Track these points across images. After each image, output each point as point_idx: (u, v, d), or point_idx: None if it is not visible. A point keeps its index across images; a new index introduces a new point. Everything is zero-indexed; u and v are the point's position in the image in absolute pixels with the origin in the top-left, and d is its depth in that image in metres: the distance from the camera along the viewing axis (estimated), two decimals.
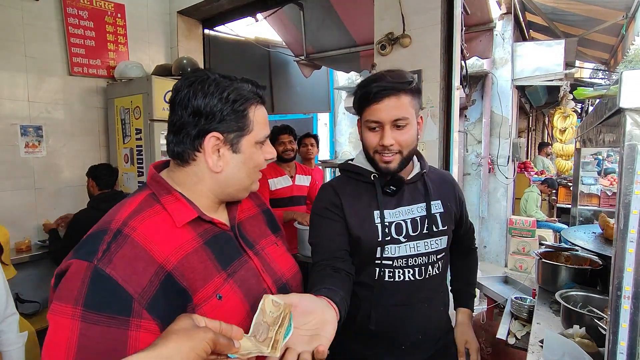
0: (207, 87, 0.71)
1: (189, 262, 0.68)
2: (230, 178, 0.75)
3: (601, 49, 5.52)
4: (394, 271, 1.08)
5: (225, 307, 0.69)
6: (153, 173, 0.77)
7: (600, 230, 1.60)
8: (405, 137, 1.02)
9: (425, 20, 2.19)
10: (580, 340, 1.04)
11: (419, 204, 1.12)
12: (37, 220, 2.88)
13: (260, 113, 0.77)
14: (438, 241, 1.11)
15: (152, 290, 0.62)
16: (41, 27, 2.87)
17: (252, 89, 0.76)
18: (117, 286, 0.59)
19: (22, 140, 2.80)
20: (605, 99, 0.71)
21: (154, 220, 0.69)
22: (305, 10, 3.95)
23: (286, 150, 2.76)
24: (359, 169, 1.13)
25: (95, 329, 0.57)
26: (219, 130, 0.72)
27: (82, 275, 0.60)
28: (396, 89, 0.99)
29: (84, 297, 0.58)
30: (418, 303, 1.10)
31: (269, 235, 0.91)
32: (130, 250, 0.63)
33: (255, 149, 0.76)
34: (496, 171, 5.23)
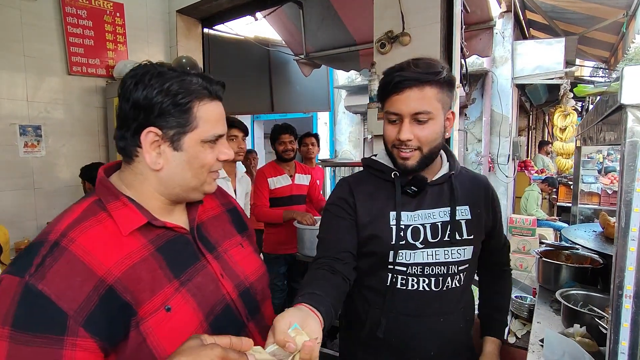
0: (148, 78, 0.67)
1: (135, 273, 0.63)
2: (173, 177, 0.70)
3: (601, 47, 5.51)
4: (408, 279, 0.99)
5: (174, 319, 0.65)
6: (101, 177, 0.71)
7: (600, 229, 1.60)
8: (426, 132, 0.93)
9: (425, 18, 2.18)
10: (580, 339, 1.03)
11: (442, 208, 1.01)
12: (37, 220, 2.88)
13: (208, 110, 0.71)
14: (461, 251, 1.01)
15: (89, 307, 0.58)
16: (40, 27, 2.86)
17: (201, 83, 0.70)
18: (50, 303, 0.55)
19: (21, 140, 2.79)
20: (606, 96, 0.70)
21: (96, 230, 0.64)
22: (305, 9, 3.94)
23: (286, 150, 2.75)
24: (381, 166, 1.05)
25: (25, 350, 0.53)
26: (158, 125, 0.67)
27: (12, 292, 0.56)
28: (420, 80, 0.90)
29: (12, 317, 0.54)
30: (433, 316, 1.01)
31: (234, 236, 0.86)
32: (67, 264, 0.59)
33: (201, 148, 0.70)
34: (496, 170, 5.22)
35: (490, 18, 3.36)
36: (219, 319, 0.72)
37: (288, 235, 2.65)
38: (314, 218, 2.45)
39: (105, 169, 0.74)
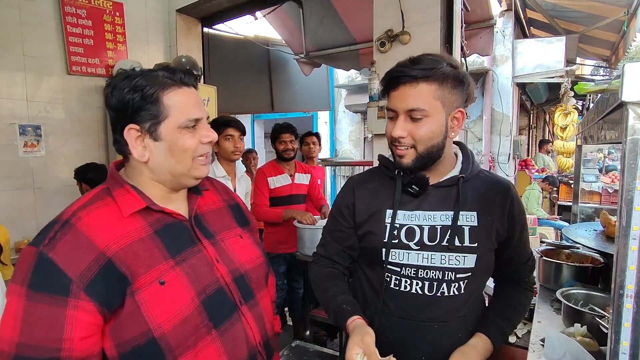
0: (119, 83, 0.75)
1: (132, 250, 0.72)
2: (160, 166, 0.77)
3: (602, 46, 5.50)
4: (401, 279, 0.98)
5: (167, 292, 0.73)
6: (111, 169, 0.81)
7: (601, 228, 1.59)
8: (420, 131, 0.90)
9: (425, 17, 2.18)
10: (581, 338, 1.03)
11: (445, 211, 0.97)
12: (36, 220, 2.88)
13: (177, 97, 0.76)
14: (460, 258, 0.95)
15: (90, 275, 0.67)
16: (39, 26, 2.85)
17: (165, 75, 0.77)
18: (58, 269, 0.66)
19: (20, 139, 2.79)
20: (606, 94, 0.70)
21: (101, 211, 0.74)
22: (305, 8, 3.94)
23: (287, 149, 2.75)
24: (388, 162, 1.04)
25: (37, 307, 0.65)
26: (135, 121, 0.75)
27: (30, 259, 0.67)
28: (413, 76, 0.88)
29: (29, 279, 0.66)
30: (427, 321, 0.97)
31: (233, 228, 0.93)
32: (73, 237, 0.69)
33: (179, 134, 0.76)
34: (497, 169, 5.22)
35: (491, 17, 3.35)
36: (212, 299, 0.79)
37: (288, 235, 2.65)
38: (314, 217, 2.45)
39: (115, 164, 0.84)
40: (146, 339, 0.70)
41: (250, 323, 0.85)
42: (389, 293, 1.00)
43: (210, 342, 0.77)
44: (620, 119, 0.52)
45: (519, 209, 1.03)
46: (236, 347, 0.81)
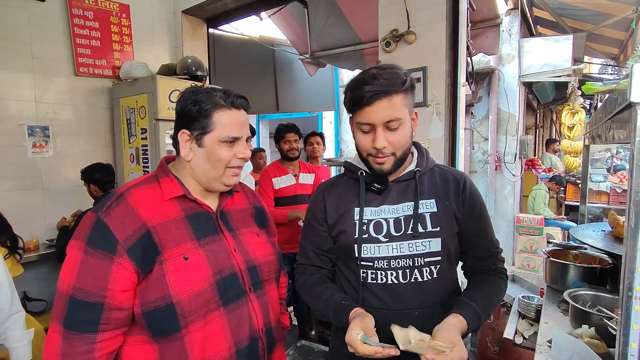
0: (187, 94, 0.93)
1: (167, 227, 0.87)
2: (198, 166, 0.93)
3: (610, 44, 5.43)
4: (377, 273, 1.04)
5: (189, 267, 0.87)
6: (162, 161, 1.00)
7: (609, 228, 1.58)
8: (398, 138, 0.99)
9: (430, 16, 2.17)
10: (589, 340, 1.02)
11: (406, 202, 1.05)
12: (45, 220, 2.91)
13: (225, 116, 0.91)
14: (426, 243, 1.02)
15: (133, 239, 0.83)
16: (47, 28, 2.89)
17: (221, 96, 0.92)
18: (109, 232, 0.82)
19: (29, 140, 2.83)
20: (615, 94, 0.69)
21: (148, 192, 0.90)
22: (310, 8, 3.94)
23: (291, 149, 2.75)
24: (351, 166, 1.13)
25: (91, 260, 0.81)
26: (188, 127, 0.91)
27: (90, 221, 0.84)
28: (388, 91, 0.95)
29: (87, 236, 0.82)
30: (407, 309, 1.02)
31: (252, 227, 1.07)
32: (124, 208, 0.85)
33: (218, 147, 0.91)
34: (503, 168, 5.18)
35: (497, 16, 3.33)
36: (225, 281, 0.92)
37: (292, 235, 2.65)
38: None
39: (166, 158, 1.01)
40: (165, 302, 0.83)
41: (256, 309, 0.97)
42: (367, 287, 1.05)
43: (218, 317, 0.89)
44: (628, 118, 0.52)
45: (473, 194, 1.09)
46: (239, 327, 0.93)
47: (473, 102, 5.03)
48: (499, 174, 5.25)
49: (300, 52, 4.57)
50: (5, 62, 2.70)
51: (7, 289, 1.37)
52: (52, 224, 2.91)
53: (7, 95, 2.72)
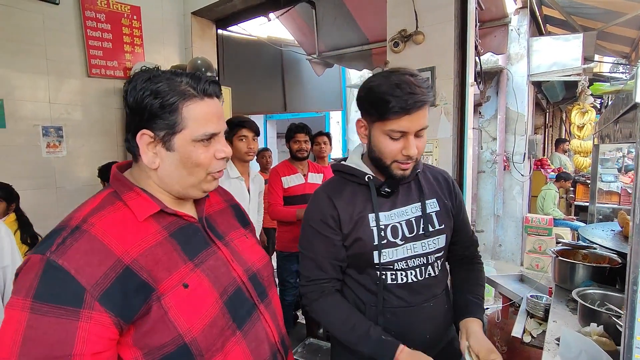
0: (140, 83, 0.71)
1: (152, 254, 0.69)
2: (170, 175, 0.74)
3: (622, 42, 5.37)
4: (396, 274, 1.06)
5: (193, 295, 0.70)
6: (115, 172, 0.77)
7: (619, 228, 1.58)
8: (423, 144, 1.01)
9: (439, 16, 2.17)
10: (597, 338, 1.03)
11: (413, 204, 1.09)
12: (58, 218, 2.91)
13: (196, 109, 0.72)
14: (436, 241, 1.09)
15: (106, 283, 0.62)
16: (61, 31, 2.95)
17: (189, 83, 0.72)
18: (69, 277, 0.60)
19: (43, 140, 2.89)
20: (622, 94, 0.70)
21: (114, 217, 0.69)
22: (318, 9, 3.96)
23: (301, 149, 2.78)
24: (354, 170, 1.09)
25: (42, 320, 0.58)
26: (149, 127, 0.71)
27: (35, 268, 0.61)
28: (428, 101, 0.96)
29: (35, 289, 0.59)
30: (423, 303, 1.08)
31: (238, 228, 0.92)
32: (87, 243, 0.63)
33: (193, 147, 0.73)
34: (512, 168, 5.15)
35: (506, 15, 3.32)
36: (233, 300, 0.77)
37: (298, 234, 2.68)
38: None
39: (118, 166, 0.80)
40: (176, 345, 0.67)
41: (269, 322, 0.85)
42: (388, 289, 1.07)
43: (236, 344, 0.76)
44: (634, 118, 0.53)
45: (458, 190, 1.20)
46: (259, 347, 0.80)
47: (481, 101, 5.01)
48: (507, 174, 5.22)
49: (307, 53, 4.60)
50: (21, 64, 2.76)
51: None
52: None
53: (23, 96, 2.78)
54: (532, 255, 2.91)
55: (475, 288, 1.18)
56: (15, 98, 2.75)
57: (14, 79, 2.74)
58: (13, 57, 2.72)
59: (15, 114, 2.76)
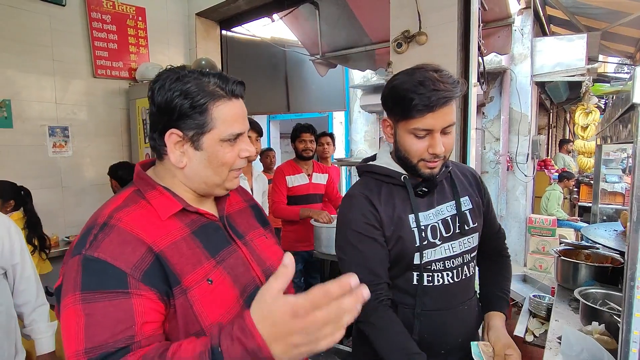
0: (169, 83, 0.72)
1: (177, 248, 0.70)
2: (196, 174, 0.76)
3: (626, 43, 5.35)
4: (433, 275, 1.03)
5: (216, 291, 0.71)
6: (138, 170, 0.79)
7: (622, 228, 1.58)
8: (451, 141, 0.98)
9: (442, 17, 2.18)
10: (599, 336, 1.03)
11: (448, 202, 1.07)
12: (64, 217, 3.01)
13: (225, 110, 0.74)
14: (471, 239, 1.08)
15: (144, 266, 0.64)
16: (67, 32, 2.98)
17: (216, 83, 0.74)
18: (108, 265, 0.62)
19: (50, 140, 2.92)
20: (622, 95, 0.71)
21: (139, 213, 0.71)
22: (321, 10, 3.97)
23: (306, 148, 2.80)
24: (388, 171, 1.06)
25: (97, 306, 0.60)
26: (179, 127, 0.72)
27: (75, 266, 0.63)
28: (453, 97, 0.92)
29: (80, 283, 0.62)
30: (459, 306, 1.06)
31: (257, 228, 0.92)
32: (117, 236, 0.66)
33: (220, 147, 0.74)
34: (515, 169, 5.14)
35: (509, 15, 3.32)
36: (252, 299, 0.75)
37: (305, 233, 2.69)
38: (330, 216, 2.49)
39: (141, 165, 0.81)
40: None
41: None
42: (425, 291, 1.04)
43: None
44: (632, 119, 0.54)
45: (485, 186, 1.19)
46: None
47: (485, 102, 5.00)
48: (510, 175, 5.21)
49: (311, 53, 4.61)
50: (28, 65, 2.80)
51: (33, 283, 1.44)
52: (71, 221, 3.01)
53: (30, 97, 2.82)
54: (536, 255, 2.91)
55: (501, 281, 1.18)
56: (22, 98, 2.79)
57: (21, 80, 2.78)
58: (20, 58, 2.76)
59: (22, 114, 2.79)
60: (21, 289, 1.40)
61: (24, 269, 1.40)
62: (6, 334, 1.34)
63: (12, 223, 1.39)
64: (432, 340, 1.03)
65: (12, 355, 1.38)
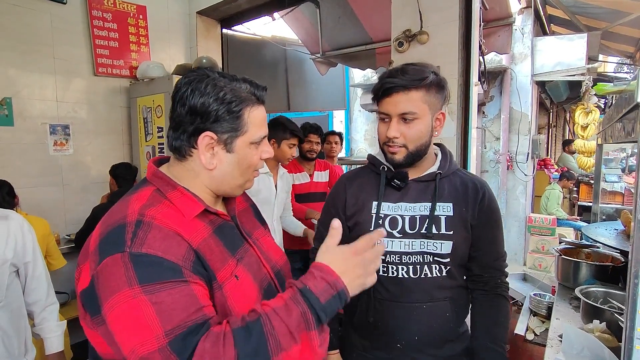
0: (204, 86, 0.74)
1: (207, 245, 0.73)
2: (224, 176, 0.78)
3: (626, 42, 5.35)
4: (388, 266, 1.08)
5: (242, 287, 0.75)
6: (154, 169, 0.79)
7: (622, 227, 1.59)
8: (411, 131, 1.03)
9: (443, 16, 2.18)
10: (600, 334, 1.04)
11: (423, 203, 1.08)
12: (65, 215, 3.01)
13: (256, 114, 0.78)
14: (437, 244, 1.06)
15: (191, 258, 0.67)
16: (68, 30, 2.98)
17: (249, 90, 0.78)
18: (160, 259, 0.64)
19: (51, 138, 2.92)
20: (625, 94, 0.71)
21: (168, 212, 0.72)
22: (322, 8, 3.97)
23: (311, 149, 2.82)
24: (374, 160, 1.16)
25: (162, 294, 0.61)
26: (213, 130, 0.74)
27: (119, 264, 0.62)
28: (406, 86, 1.00)
29: (136, 277, 0.61)
30: (415, 302, 1.07)
31: (259, 228, 0.96)
32: (158, 232, 0.67)
33: (249, 150, 0.78)
34: (515, 168, 5.15)
35: (510, 14, 3.32)
36: (267, 293, 0.80)
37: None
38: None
39: (154, 162, 0.82)
40: None
41: None
42: (379, 279, 1.03)
43: None
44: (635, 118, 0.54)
45: (491, 205, 1.11)
46: None
47: (485, 101, 5.00)
48: (510, 174, 5.22)
49: (311, 52, 4.61)
50: (29, 63, 2.80)
51: (44, 282, 1.44)
52: (72, 219, 3.01)
53: (31, 95, 2.82)
54: (535, 255, 2.92)
55: (494, 330, 1.09)
56: (23, 97, 2.79)
57: (22, 78, 2.78)
58: (21, 56, 2.76)
59: (24, 112, 2.79)
60: (32, 288, 1.40)
61: (35, 267, 1.41)
62: (16, 332, 1.34)
63: (25, 221, 1.39)
64: (386, 329, 1.08)
65: (22, 353, 1.37)
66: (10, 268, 1.31)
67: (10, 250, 1.30)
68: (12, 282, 1.33)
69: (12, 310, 1.33)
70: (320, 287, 0.64)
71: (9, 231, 1.32)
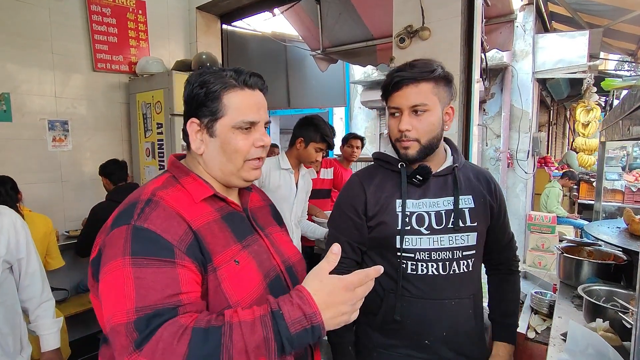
0: (193, 79, 0.81)
1: (210, 229, 0.76)
2: (212, 160, 0.81)
3: (627, 40, 5.33)
4: (417, 264, 1.06)
5: (242, 272, 0.76)
6: (173, 160, 0.86)
7: (625, 225, 1.57)
8: (423, 124, 1.03)
9: (445, 12, 2.16)
10: (603, 333, 1.03)
11: (446, 197, 1.09)
12: (64, 212, 2.99)
13: (237, 98, 0.79)
14: (465, 237, 1.08)
15: (188, 240, 0.70)
16: (67, 25, 2.95)
17: (231, 75, 0.80)
18: (157, 236, 0.67)
19: (49, 134, 2.91)
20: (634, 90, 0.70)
21: (177, 195, 0.77)
22: (322, 4, 3.94)
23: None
24: (388, 157, 1.14)
25: (147, 271, 0.64)
26: (196, 115, 0.79)
27: (123, 234, 0.68)
28: (415, 78, 1.01)
29: (130, 248, 0.66)
30: (444, 299, 1.07)
31: (275, 225, 0.98)
32: (163, 211, 0.71)
33: (232, 134, 0.79)
34: (515, 166, 5.14)
35: (511, 11, 3.30)
36: (273, 284, 0.81)
37: None
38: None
39: (175, 156, 0.89)
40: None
41: None
42: (407, 278, 1.08)
43: None
44: None
45: (501, 192, 1.19)
46: None
47: (486, 98, 4.99)
48: (511, 171, 5.21)
49: (312, 48, 4.58)
50: (27, 58, 2.77)
51: (39, 278, 1.42)
52: (71, 215, 3.00)
53: (29, 90, 2.80)
54: (535, 252, 2.92)
55: (508, 305, 1.20)
56: (22, 92, 2.77)
57: (21, 73, 2.75)
58: (19, 51, 2.73)
59: (22, 108, 2.77)
60: (26, 284, 1.38)
61: (29, 264, 1.38)
62: (11, 330, 1.33)
63: (18, 217, 1.37)
64: (413, 328, 1.08)
65: (18, 351, 1.36)
66: (4, 265, 1.29)
67: (3, 247, 1.28)
68: (5, 279, 1.31)
69: (6, 307, 1.31)
70: (294, 316, 0.61)
71: (2, 227, 1.29)
